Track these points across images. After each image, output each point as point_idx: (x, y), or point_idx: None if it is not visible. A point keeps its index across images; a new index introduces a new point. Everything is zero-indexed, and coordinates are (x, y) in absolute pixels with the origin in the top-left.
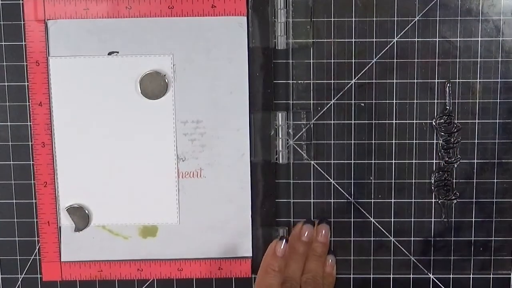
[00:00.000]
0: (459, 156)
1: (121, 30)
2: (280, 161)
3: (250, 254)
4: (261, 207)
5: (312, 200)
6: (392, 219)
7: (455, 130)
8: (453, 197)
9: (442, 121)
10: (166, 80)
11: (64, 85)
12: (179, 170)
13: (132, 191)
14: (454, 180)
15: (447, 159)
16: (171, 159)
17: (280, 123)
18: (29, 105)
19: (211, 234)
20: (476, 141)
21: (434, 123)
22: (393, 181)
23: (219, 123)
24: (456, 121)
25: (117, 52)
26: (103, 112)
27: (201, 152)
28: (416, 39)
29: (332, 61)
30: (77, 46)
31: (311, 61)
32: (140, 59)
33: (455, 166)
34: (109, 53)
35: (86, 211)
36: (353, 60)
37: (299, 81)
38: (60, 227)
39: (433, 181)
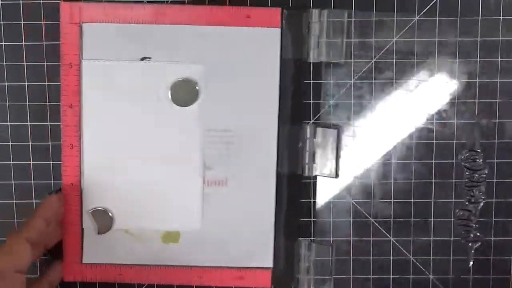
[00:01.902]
0: (482, 196)
1: (155, 36)
2: (306, 174)
3: (271, 265)
4: (285, 218)
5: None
6: (392, 219)
7: (481, 168)
8: (473, 240)
9: (467, 155)
10: (197, 88)
11: (95, 88)
12: (205, 178)
13: (157, 197)
14: (476, 219)
15: (469, 197)
16: (198, 167)
17: (307, 136)
18: (28, 105)
19: (233, 243)
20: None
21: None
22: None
23: (247, 133)
24: (481, 157)
25: (150, 58)
26: (132, 116)
27: (228, 161)
28: (416, 39)
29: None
30: (110, 50)
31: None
32: (172, 66)
33: (479, 206)
34: (142, 59)
35: (110, 214)
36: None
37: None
38: (83, 228)
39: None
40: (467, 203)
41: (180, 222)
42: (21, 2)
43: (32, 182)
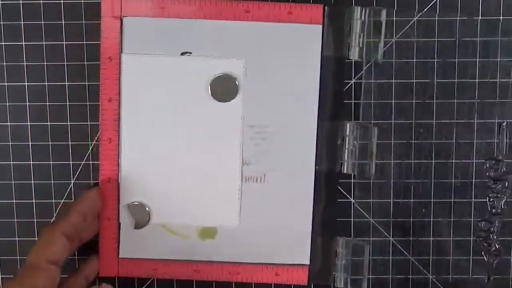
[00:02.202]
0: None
1: (196, 31)
2: (345, 171)
3: (308, 262)
4: (323, 215)
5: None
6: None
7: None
8: (495, 254)
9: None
10: (237, 83)
11: (134, 82)
12: (243, 174)
13: (194, 192)
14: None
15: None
16: (236, 162)
17: (347, 133)
18: (28, 105)
19: (270, 239)
20: None
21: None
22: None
23: (286, 130)
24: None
25: (190, 53)
26: (171, 111)
27: (266, 157)
28: (416, 39)
29: None
30: (150, 44)
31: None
32: (212, 61)
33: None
34: (182, 53)
35: (147, 209)
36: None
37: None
38: (119, 223)
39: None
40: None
41: (217, 218)
42: (21, 2)
43: (32, 182)
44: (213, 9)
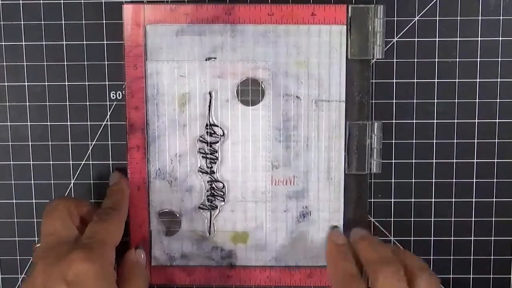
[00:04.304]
0: None
1: (220, 36)
2: (374, 171)
3: None
4: (353, 216)
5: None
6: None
7: None
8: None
9: None
10: (263, 87)
11: (160, 89)
12: (272, 177)
13: (226, 197)
14: None
15: None
16: (265, 165)
17: (376, 133)
18: (28, 105)
19: (301, 242)
20: None
21: None
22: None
23: (314, 131)
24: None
25: (215, 58)
26: (198, 117)
27: (295, 159)
28: (416, 39)
29: None
30: (175, 51)
31: None
32: (238, 65)
33: None
34: (207, 59)
35: (178, 215)
36: None
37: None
38: (151, 231)
39: None
40: None
41: (248, 222)
42: (21, 2)
43: (32, 182)
44: (236, 14)
